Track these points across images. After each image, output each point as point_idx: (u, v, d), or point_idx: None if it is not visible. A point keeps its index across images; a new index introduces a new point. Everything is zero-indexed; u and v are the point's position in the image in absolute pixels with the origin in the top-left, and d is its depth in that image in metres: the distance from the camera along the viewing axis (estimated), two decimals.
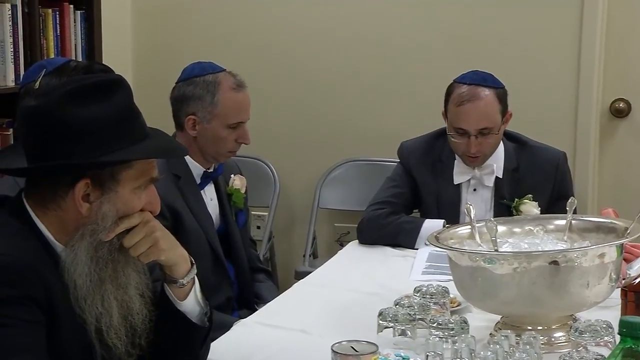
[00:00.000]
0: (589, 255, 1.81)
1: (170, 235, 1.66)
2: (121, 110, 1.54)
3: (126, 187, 1.55)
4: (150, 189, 1.61)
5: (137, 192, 1.57)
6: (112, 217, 1.54)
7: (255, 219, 3.66)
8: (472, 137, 2.71)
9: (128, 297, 1.57)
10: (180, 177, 2.57)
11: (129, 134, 1.54)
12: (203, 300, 1.70)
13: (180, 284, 1.66)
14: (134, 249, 1.58)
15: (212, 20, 3.83)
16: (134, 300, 1.58)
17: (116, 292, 1.56)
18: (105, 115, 1.51)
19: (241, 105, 2.60)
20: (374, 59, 3.68)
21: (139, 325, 1.59)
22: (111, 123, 1.51)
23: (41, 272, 1.47)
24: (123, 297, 1.57)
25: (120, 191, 1.55)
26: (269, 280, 2.86)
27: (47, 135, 1.51)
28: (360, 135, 3.72)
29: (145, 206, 1.59)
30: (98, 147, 1.50)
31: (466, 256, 1.87)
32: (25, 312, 1.44)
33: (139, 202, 1.58)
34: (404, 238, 2.71)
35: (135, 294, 1.58)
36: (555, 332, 1.86)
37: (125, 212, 1.56)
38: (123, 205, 1.55)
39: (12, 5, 2.90)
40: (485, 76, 2.78)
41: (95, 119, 1.50)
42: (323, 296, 2.30)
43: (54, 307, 1.49)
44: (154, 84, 3.78)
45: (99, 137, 1.50)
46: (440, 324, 1.79)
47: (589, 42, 3.45)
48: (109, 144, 1.51)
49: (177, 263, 1.66)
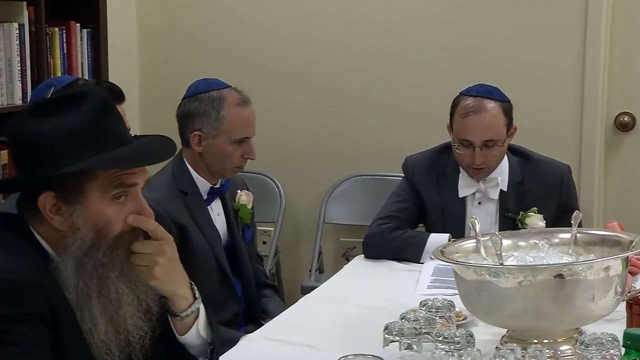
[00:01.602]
0: (594, 269, 1.81)
1: (175, 268, 1.60)
2: (85, 122, 1.51)
3: (94, 198, 1.51)
4: (135, 198, 1.55)
5: (112, 203, 1.52)
6: (87, 229, 1.51)
7: (261, 234, 3.67)
8: (477, 148, 2.72)
9: (122, 312, 1.54)
10: (187, 193, 2.59)
11: (95, 145, 1.51)
12: (208, 334, 1.66)
13: (179, 317, 1.62)
14: (134, 258, 1.55)
15: (217, 37, 3.86)
16: (128, 316, 1.54)
17: (105, 307, 1.52)
18: (66, 128, 1.50)
19: (246, 120, 2.61)
20: (379, 75, 3.70)
21: (136, 341, 1.56)
22: (72, 135, 1.50)
23: (44, 288, 1.47)
24: (115, 313, 1.53)
25: (88, 203, 1.51)
26: (276, 295, 2.87)
27: (15, 151, 1.55)
28: (365, 151, 3.73)
29: (124, 222, 1.53)
30: (60, 159, 1.49)
31: (471, 270, 1.88)
32: (31, 329, 1.44)
33: (117, 212, 1.52)
34: (410, 252, 2.72)
35: (130, 310, 1.55)
36: (561, 346, 1.86)
37: (102, 224, 1.51)
38: (96, 217, 1.51)
39: (20, 24, 2.93)
40: (491, 89, 2.79)
41: (55, 132, 1.50)
42: (329, 311, 2.30)
43: (60, 323, 1.49)
44: (160, 101, 3.81)
45: (60, 150, 1.50)
46: (446, 337, 1.79)
47: (593, 56, 3.47)
48: (69, 156, 1.49)
49: (172, 298, 1.61)
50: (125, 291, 1.54)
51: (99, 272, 1.52)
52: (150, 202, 2.44)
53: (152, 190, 2.57)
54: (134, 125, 2.53)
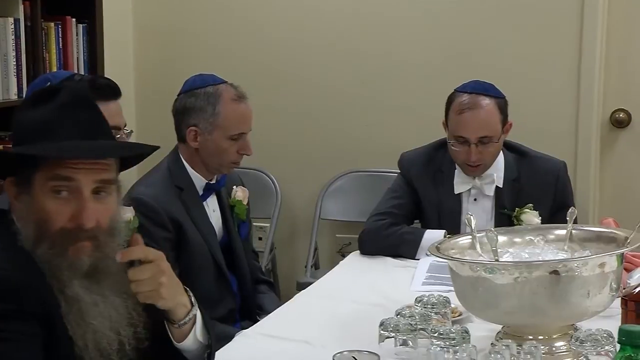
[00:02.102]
0: (589, 265, 1.82)
1: (174, 281, 1.59)
2: (48, 115, 1.52)
3: (37, 188, 1.50)
4: (79, 198, 1.50)
5: (53, 197, 1.50)
6: (30, 220, 1.49)
7: (256, 230, 3.67)
8: (472, 145, 2.72)
9: (84, 313, 1.51)
10: (183, 189, 2.58)
11: (51, 137, 1.50)
12: (204, 337, 1.66)
13: (177, 325, 1.61)
14: (136, 285, 1.52)
15: (213, 33, 3.85)
16: (94, 318, 1.51)
17: (69, 307, 1.49)
18: (33, 120, 1.52)
19: (242, 116, 2.61)
20: (375, 72, 3.70)
21: (114, 347, 1.54)
22: (37, 127, 1.51)
23: (36, 285, 1.47)
24: (77, 314, 1.50)
25: (34, 193, 1.50)
26: (271, 291, 2.87)
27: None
28: (361, 147, 3.73)
29: (68, 220, 1.50)
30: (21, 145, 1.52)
31: (467, 266, 1.88)
32: (23, 325, 1.44)
33: (57, 207, 1.49)
34: (405, 248, 2.72)
35: (94, 312, 1.51)
36: (557, 342, 1.86)
37: (42, 217, 1.49)
38: (37, 208, 1.49)
39: (15, 19, 2.93)
40: (486, 86, 2.79)
41: (26, 123, 1.53)
42: (325, 307, 2.30)
43: (53, 319, 1.48)
44: (156, 96, 3.80)
45: (27, 140, 1.51)
46: (442, 333, 1.80)
47: (589, 53, 3.47)
48: (28, 143, 1.51)
49: (174, 309, 1.60)
50: (82, 294, 1.51)
51: (50, 269, 1.49)
52: (147, 197, 2.47)
53: (148, 186, 2.57)
54: (130, 120, 2.52)
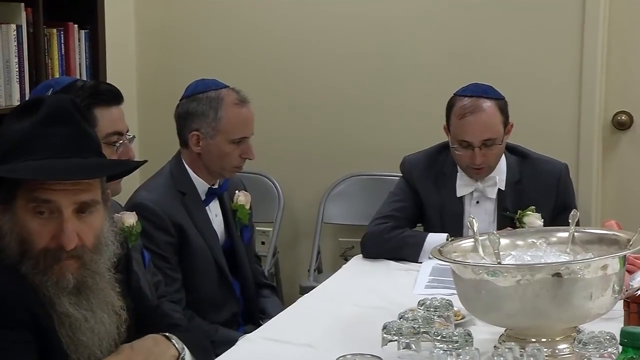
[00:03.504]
0: (591, 267, 1.82)
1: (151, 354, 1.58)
2: (27, 130, 1.50)
3: (20, 206, 1.49)
4: (58, 219, 1.49)
5: (35, 216, 1.48)
6: (12, 236, 1.49)
7: (259, 234, 3.67)
8: (477, 148, 2.72)
9: (75, 329, 1.51)
10: (185, 193, 2.59)
11: (27, 153, 1.49)
12: None
13: None
14: None
15: (215, 38, 3.86)
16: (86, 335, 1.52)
17: (61, 322, 1.50)
18: (13, 133, 1.51)
19: (244, 120, 2.61)
20: (377, 75, 3.70)
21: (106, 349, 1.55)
22: (16, 141, 1.50)
23: (26, 298, 1.47)
24: (70, 330, 1.51)
25: (16, 209, 1.49)
26: (274, 295, 2.87)
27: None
28: (363, 151, 3.73)
29: (50, 240, 1.49)
30: (2, 161, 1.50)
31: (469, 269, 1.88)
32: (14, 334, 1.44)
33: (40, 227, 1.48)
34: (408, 252, 2.72)
35: (86, 327, 1.52)
36: (559, 344, 1.86)
37: (24, 235, 1.48)
38: (20, 226, 1.49)
39: (17, 25, 2.93)
40: (485, 88, 2.80)
41: (7, 136, 1.51)
42: (328, 310, 2.30)
43: (45, 332, 1.48)
44: (158, 101, 3.81)
45: (7, 153, 1.50)
46: (445, 336, 1.80)
47: (591, 55, 3.47)
48: (9, 160, 1.49)
49: None
50: (72, 310, 1.50)
51: (37, 286, 1.49)
52: (149, 202, 2.48)
53: (151, 191, 2.58)
54: (132, 126, 2.53)
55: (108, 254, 1.57)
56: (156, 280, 2.40)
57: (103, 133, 2.05)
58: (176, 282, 2.52)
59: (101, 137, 2.05)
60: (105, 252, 1.56)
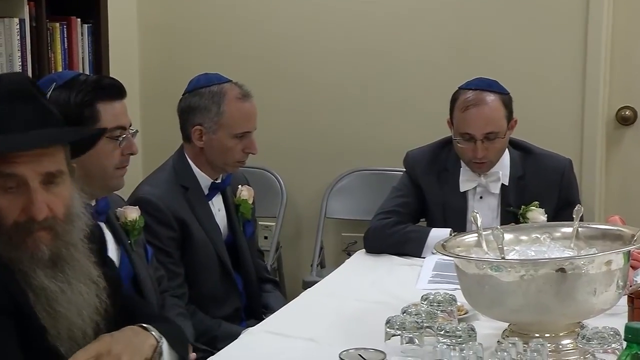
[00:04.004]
0: (595, 263, 1.81)
1: (133, 339, 1.58)
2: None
3: None
4: (27, 192, 1.50)
5: (4, 194, 1.49)
6: None
7: (262, 229, 3.67)
8: (479, 142, 2.71)
9: (56, 304, 1.52)
10: (188, 188, 2.59)
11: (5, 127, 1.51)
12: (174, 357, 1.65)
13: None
14: None
15: (218, 33, 3.85)
16: (67, 309, 1.52)
17: (37, 298, 1.50)
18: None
19: (247, 114, 2.61)
20: (380, 71, 3.70)
21: (94, 330, 1.56)
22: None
23: (1, 279, 1.47)
24: (48, 305, 1.51)
25: None
26: (277, 290, 2.87)
27: None
28: (366, 146, 3.73)
29: (20, 214, 1.50)
30: None
31: (473, 264, 1.88)
32: None
33: (9, 202, 1.49)
34: (411, 247, 2.72)
35: (64, 299, 1.52)
36: (563, 340, 1.86)
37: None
38: None
39: (20, 19, 2.93)
40: (490, 82, 2.79)
41: None
42: (331, 305, 2.30)
43: (21, 310, 1.49)
44: (161, 96, 3.81)
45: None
46: (448, 331, 1.80)
47: (595, 50, 3.46)
48: None
49: (149, 353, 1.60)
50: (48, 283, 1.51)
51: (12, 262, 1.50)
52: (152, 197, 2.48)
53: (153, 185, 2.58)
54: (135, 120, 2.52)
55: (80, 225, 1.58)
56: (159, 275, 2.40)
57: (106, 127, 2.05)
58: (179, 277, 2.52)
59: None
60: (77, 223, 1.57)
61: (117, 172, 2.11)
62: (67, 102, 2.04)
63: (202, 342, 2.40)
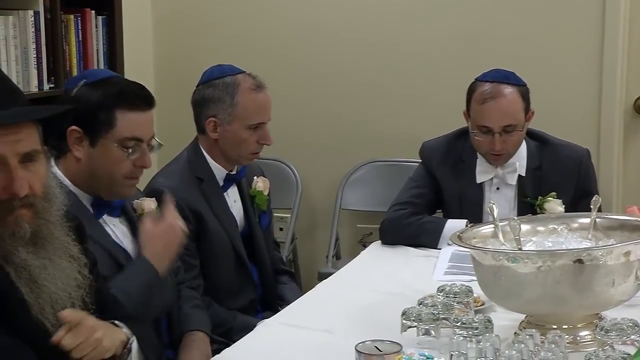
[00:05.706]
0: (614, 254, 1.80)
1: (107, 328, 1.60)
2: None
3: None
4: (4, 170, 1.51)
5: None
6: None
7: (277, 220, 3.67)
8: (496, 134, 2.70)
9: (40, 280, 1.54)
10: (203, 179, 2.59)
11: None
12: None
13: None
14: (76, 351, 1.52)
15: (232, 24, 3.85)
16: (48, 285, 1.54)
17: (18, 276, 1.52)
18: None
19: (261, 105, 2.60)
20: (395, 62, 3.68)
21: (76, 305, 1.58)
22: None
23: None
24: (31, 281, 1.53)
25: None
26: (292, 282, 2.87)
27: None
28: (381, 137, 3.71)
29: (1, 191, 1.51)
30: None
31: (489, 255, 1.87)
32: None
33: None
34: (427, 238, 2.71)
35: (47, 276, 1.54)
36: (581, 331, 1.85)
37: None
38: None
39: (35, 11, 2.93)
40: (507, 74, 2.77)
41: None
42: (346, 297, 2.30)
43: (3, 287, 1.50)
44: (175, 88, 3.80)
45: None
46: (464, 323, 1.79)
47: (612, 39, 3.43)
48: None
49: (118, 349, 1.62)
50: (30, 259, 1.53)
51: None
52: (167, 189, 2.48)
53: (168, 177, 2.58)
54: None
55: (57, 204, 1.60)
56: (175, 266, 2.40)
57: (118, 135, 2.04)
58: (194, 268, 2.52)
59: (115, 139, 2.04)
60: (54, 201, 1.59)
61: (126, 182, 2.09)
62: (88, 101, 2.04)
63: (218, 334, 2.40)
